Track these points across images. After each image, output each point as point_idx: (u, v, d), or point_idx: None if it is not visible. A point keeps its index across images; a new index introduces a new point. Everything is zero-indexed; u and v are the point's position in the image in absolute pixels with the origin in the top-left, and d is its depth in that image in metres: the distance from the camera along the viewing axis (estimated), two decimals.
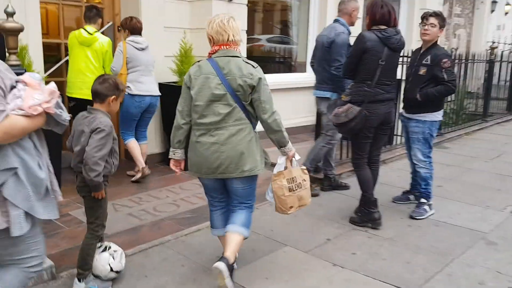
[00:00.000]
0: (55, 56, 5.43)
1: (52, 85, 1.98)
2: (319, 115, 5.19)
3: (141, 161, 4.93)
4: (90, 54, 4.68)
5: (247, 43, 8.02)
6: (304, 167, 3.19)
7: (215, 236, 3.23)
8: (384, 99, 3.81)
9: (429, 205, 4.31)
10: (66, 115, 2.06)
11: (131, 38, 4.76)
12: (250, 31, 8.32)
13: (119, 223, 3.87)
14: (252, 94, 2.81)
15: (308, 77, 7.27)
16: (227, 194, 3.05)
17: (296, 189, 3.04)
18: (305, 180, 3.12)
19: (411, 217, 4.23)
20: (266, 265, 3.32)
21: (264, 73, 2.87)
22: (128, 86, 4.71)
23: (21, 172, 1.90)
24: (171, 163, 3.03)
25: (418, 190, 4.42)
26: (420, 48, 4.22)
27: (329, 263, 3.36)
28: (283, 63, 8.76)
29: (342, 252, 3.55)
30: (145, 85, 4.81)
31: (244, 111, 2.84)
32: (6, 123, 1.79)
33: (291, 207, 3.04)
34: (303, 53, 8.09)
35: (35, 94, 1.89)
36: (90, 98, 2.87)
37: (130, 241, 3.57)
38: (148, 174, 5.01)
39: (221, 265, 2.74)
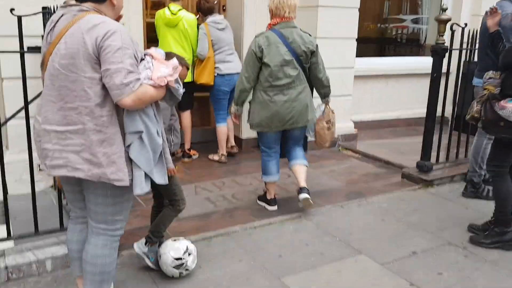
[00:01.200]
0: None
1: (175, 61, 2.14)
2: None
3: (223, 148, 4.99)
4: (177, 36, 4.60)
5: (388, 23, 7.49)
6: (333, 108, 3.87)
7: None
8: None
9: None
10: (182, 90, 2.22)
11: (211, 19, 4.69)
12: (393, 11, 7.71)
13: (194, 207, 3.82)
14: (311, 58, 3.52)
15: None
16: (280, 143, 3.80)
17: (331, 127, 3.83)
18: (333, 118, 3.87)
19: None
20: (329, 273, 2.97)
21: (393, 55, 2.89)
22: (217, 67, 4.69)
23: (145, 136, 2.07)
24: (235, 117, 3.77)
25: None
26: None
27: (406, 282, 2.88)
28: (417, 45, 7.94)
29: (426, 270, 3.02)
30: (232, 63, 4.78)
31: (304, 73, 3.54)
32: (141, 90, 1.99)
33: (327, 141, 3.84)
34: (434, 35, 7.20)
35: (162, 67, 2.06)
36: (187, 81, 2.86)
37: (198, 226, 3.50)
38: (236, 153, 5.09)
39: (305, 195, 3.60)
